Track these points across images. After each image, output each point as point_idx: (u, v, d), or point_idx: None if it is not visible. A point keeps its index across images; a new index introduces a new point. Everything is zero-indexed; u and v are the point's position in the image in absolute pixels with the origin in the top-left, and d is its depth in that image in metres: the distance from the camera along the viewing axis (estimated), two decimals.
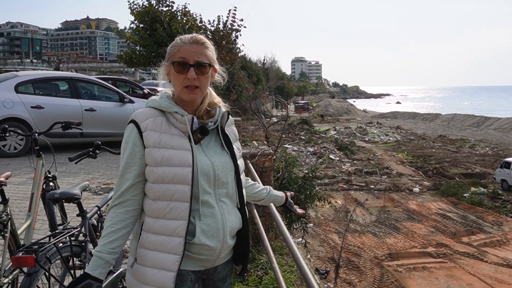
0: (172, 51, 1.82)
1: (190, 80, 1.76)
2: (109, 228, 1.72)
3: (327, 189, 21.55)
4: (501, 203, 21.23)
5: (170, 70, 1.82)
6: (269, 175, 5.23)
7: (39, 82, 9.19)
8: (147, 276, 1.73)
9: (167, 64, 1.85)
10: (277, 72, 74.85)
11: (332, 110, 74.96)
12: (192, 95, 1.79)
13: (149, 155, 1.73)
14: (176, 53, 1.80)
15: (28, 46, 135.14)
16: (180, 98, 1.82)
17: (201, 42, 1.82)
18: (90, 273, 1.66)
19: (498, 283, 13.18)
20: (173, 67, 1.79)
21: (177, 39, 1.85)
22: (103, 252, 1.69)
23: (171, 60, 1.81)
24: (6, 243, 2.98)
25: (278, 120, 15.44)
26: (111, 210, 1.76)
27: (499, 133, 49.39)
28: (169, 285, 1.70)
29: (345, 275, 13.43)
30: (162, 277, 1.71)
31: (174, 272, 1.70)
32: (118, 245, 1.73)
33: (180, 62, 1.77)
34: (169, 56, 1.84)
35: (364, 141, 39.66)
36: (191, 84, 1.77)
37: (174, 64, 1.79)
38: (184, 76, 1.76)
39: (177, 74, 1.78)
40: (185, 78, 1.76)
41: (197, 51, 1.79)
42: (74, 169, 7.53)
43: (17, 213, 4.96)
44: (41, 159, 3.62)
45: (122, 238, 1.74)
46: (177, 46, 1.82)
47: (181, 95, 1.80)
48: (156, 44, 14.01)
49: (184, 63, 1.77)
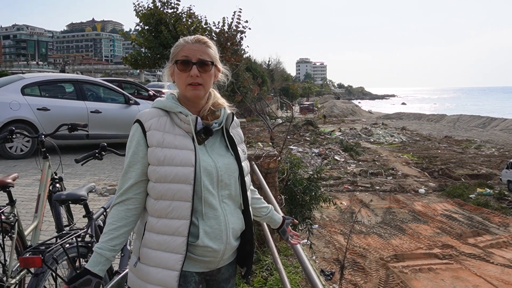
0: (176, 51, 1.87)
1: (193, 77, 1.79)
2: (110, 226, 1.75)
3: (332, 190, 21.52)
4: (507, 204, 21.11)
5: (174, 70, 1.86)
6: (274, 176, 5.24)
7: (45, 84, 9.23)
8: (150, 275, 1.75)
9: (171, 64, 1.89)
10: (282, 74, 74.90)
11: (337, 111, 74.86)
12: (196, 91, 1.81)
13: (152, 154, 1.75)
14: (179, 52, 1.85)
15: (34, 49, 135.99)
16: (184, 98, 1.85)
17: (204, 41, 1.87)
18: (90, 269, 1.69)
19: (504, 284, 13.10)
20: (177, 66, 1.83)
21: (180, 39, 1.90)
22: (103, 249, 1.72)
23: (174, 59, 1.86)
24: (14, 244, 3.01)
25: (283, 121, 15.47)
26: (113, 208, 1.79)
27: (505, 133, 49.12)
28: (173, 284, 1.71)
29: (350, 276, 13.40)
30: (165, 276, 1.72)
31: (177, 271, 1.72)
32: (118, 243, 1.75)
33: (183, 60, 1.81)
34: (172, 56, 1.88)
35: (369, 142, 39.55)
36: (194, 81, 1.80)
37: (177, 62, 1.83)
38: (187, 74, 1.80)
39: (180, 73, 1.82)
40: (188, 76, 1.80)
41: (199, 50, 1.83)
42: (80, 171, 7.56)
43: (24, 215, 4.99)
44: (48, 161, 3.64)
45: (122, 236, 1.76)
46: (180, 45, 1.87)
47: (185, 93, 1.83)
48: (161, 46, 14.03)
49: (187, 61, 1.81)
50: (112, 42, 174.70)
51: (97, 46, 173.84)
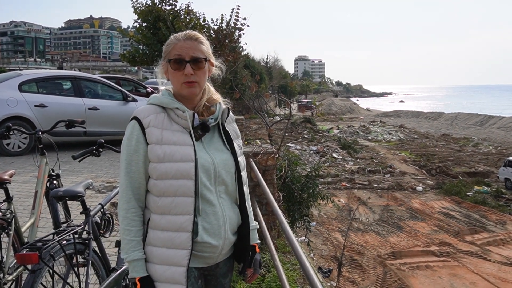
0: (168, 50, 1.84)
1: (188, 76, 1.78)
2: (135, 233, 1.78)
3: (330, 188, 21.56)
4: (504, 202, 21.20)
5: (167, 68, 1.85)
6: (272, 174, 5.23)
7: (42, 81, 9.20)
8: (157, 273, 1.75)
9: (164, 63, 1.87)
10: (280, 71, 74.74)
11: (335, 109, 74.93)
12: (191, 89, 1.81)
13: (152, 151, 1.75)
14: (171, 51, 1.82)
15: (32, 45, 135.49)
16: (179, 94, 1.84)
17: (195, 37, 1.84)
18: (142, 275, 1.74)
19: (501, 282, 13.16)
20: (170, 65, 1.81)
21: (171, 37, 1.87)
22: (140, 254, 1.76)
23: (167, 58, 1.84)
24: (10, 241, 3.00)
25: (281, 118, 15.46)
26: (126, 213, 1.78)
27: (502, 131, 49.24)
28: (181, 280, 1.72)
29: (348, 273, 13.44)
30: (173, 273, 1.72)
31: (185, 267, 1.72)
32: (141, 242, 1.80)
33: (176, 59, 1.79)
34: (165, 55, 1.86)
35: (367, 139, 39.64)
36: (189, 80, 1.79)
37: (170, 62, 1.81)
38: (181, 72, 1.78)
39: (174, 72, 1.81)
40: (182, 75, 1.79)
41: (192, 47, 1.81)
42: (77, 168, 7.55)
43: (21, 211, 4.98)
44: (45, 158, 3.63)
45: (142, 234, 1.80)
46: (171, 44, 1.84)
47: (181, 91, 1.82)
48: (159, 43, 14.00)
49: (180, 60, 1.79)
50: (110, 39, 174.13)
51: (95, 43, 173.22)
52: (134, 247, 1.75)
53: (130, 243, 1.75)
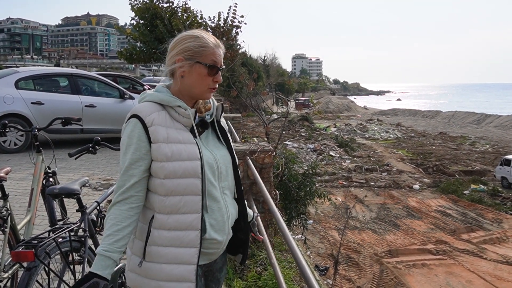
0: (203, 52, 1.79)
1: (218, 82, 1.83)
2: (115, 226, 1.67)
3: (327, 186, 21.57)
4: (501, 200, 21.28)
5: (194, 69, 1.79)
6: (269, 172, 5.23)
7: (39, 78, 9.17)
8: (164, 272, 1.72)
9: (191, 62, 1.78)
10: (277, 69, 74.68)
11: (332, 107, 74.96)
12: (211, 94, 1.86)
13: (158, 150, 1.71)
14: (208, 55, 1.79)
15: (29, 42, 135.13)
16: (193, 95, 1.83)
17: (223, 47, 1.89)
18: (99, 273, 1.62)
19: (497, 280, 13.22)
20: (205, 69, 1.78)
21: (207, 39, 1.82)
22: (110, 251, 1.65)
23: (200, 60, 1.78)
24: (6, 238, 2.99)
25: (279, 116, 15.46)
26: (114, 207, 1.71)
27: (499, 130, 49.38)
28: (191, 278, 1.72)
29: (344, 271, 13.47)
30: (182, 271, 1.72)
31: (194, 265, 1.72)
32: (124, 244, 1.69)
33: (213, 65, 1.80)
34: (196, 55, 1.78)
35: (364, 138, 39.69)
36: (215, 86, 1.84)
37: (208, 66, 1.79)
38: (212, 78, 1.80)
39: (206, 76, 1.79)
40: (212, 81, 1.81)
41: (221, 55, 1.85)
42: (74, 165, 7.53)
43: (17, 209, 4.97)
44: (41, 155, 3.62)
45: (128, 236, 1.70)
46: (209, 48, 1.80)
47: (203, 95, 1.83)
48: (156, 41, 14.00)
49: (215, 66, 1.80)
50: (107, 37, 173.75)
51: (92, 40, 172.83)
52: (119, 247, 1.68)
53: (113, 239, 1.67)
